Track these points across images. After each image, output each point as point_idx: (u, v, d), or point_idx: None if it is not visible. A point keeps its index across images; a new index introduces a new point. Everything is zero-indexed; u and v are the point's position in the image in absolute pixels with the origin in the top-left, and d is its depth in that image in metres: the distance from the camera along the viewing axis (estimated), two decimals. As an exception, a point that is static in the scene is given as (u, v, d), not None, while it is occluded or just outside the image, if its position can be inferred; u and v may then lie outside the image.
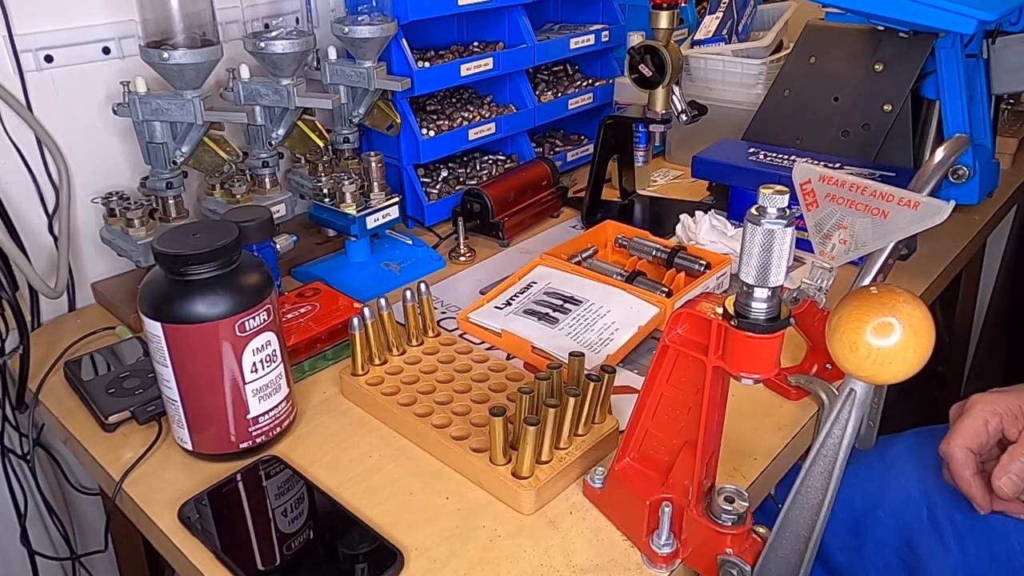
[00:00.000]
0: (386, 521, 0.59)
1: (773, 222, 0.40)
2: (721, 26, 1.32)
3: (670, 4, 0.97)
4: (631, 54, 1.02)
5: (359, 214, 0.92)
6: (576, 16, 1.36)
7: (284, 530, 0.59)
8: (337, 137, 1.01)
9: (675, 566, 0.55)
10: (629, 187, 1.18)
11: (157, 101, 0.80)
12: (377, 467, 0.66)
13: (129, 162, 0.92)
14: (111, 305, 0.89)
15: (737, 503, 0.52)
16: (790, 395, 0.72)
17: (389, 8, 0.98)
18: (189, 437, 0.64)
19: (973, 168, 0.97)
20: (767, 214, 0.39)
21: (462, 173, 1.18)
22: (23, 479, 0.91)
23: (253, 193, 0.93)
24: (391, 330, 0.74)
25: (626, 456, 0.58)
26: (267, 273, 0.64)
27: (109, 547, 0.92)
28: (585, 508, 0.61)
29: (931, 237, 0.73)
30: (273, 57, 0.86)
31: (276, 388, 0.65)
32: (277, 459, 0.66)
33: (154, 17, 0.79)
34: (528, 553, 0.57)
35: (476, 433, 0.65)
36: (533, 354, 0.78)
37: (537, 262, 0.92)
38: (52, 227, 0.88)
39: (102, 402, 0.71)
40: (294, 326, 0.77)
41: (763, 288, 0.42)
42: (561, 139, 1.35)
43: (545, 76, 1.32)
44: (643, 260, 0.94)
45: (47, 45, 0.83)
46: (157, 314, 0.59)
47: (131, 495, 0.63)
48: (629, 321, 0.81)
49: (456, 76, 1.06)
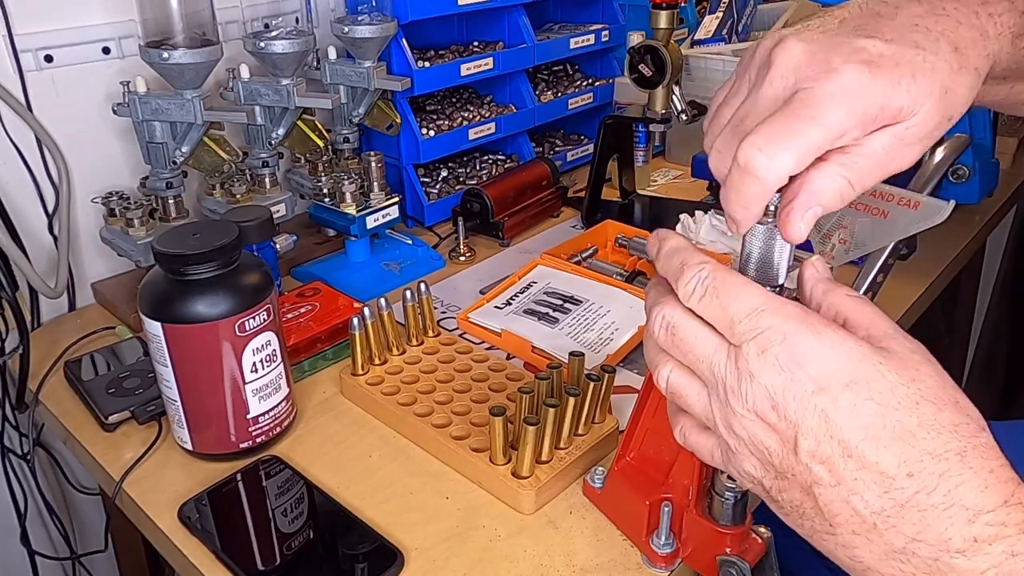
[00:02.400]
0: (386, 521, 0.59)
1: (774, 221, 0.40)
2: (721, 26, 1.32)
3: (670, 4, 0.97)
4: (631, 54, 1.01)
5: (359, 214, 0.92)
6: (576, 16, 1.36)
7: (284, 530, 0.59)
8: (337, 137, 1.01)
9: (675, 566, 0.55)
10: (629, 187, 1.18)
11: (157, 101, 0.80)
12: (377, 467, 0.66)
13: (129, 162, 0.92)
14: (111, 305, 0.89)
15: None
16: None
17: (389, 8, 0.98)
18: (189, 437, 0.64)
19: (973, 168, 0.97)
20: (768, 213, 0.39)
21: (462, 173, 1.18)
22: (23, 479, 0.91)
23: (253, 193, 0.93)
24: (391, 330, 0.74)
25: (626, 456, 0.58)
26: (267, 273, 0.64)
27: (109, 547, 0.92)
28: (585, 508, 0.61)
29: (931, 237, 0.72)
30: (273, 57, 0.86)
31: (276, 388, 0.65)
32: (277, 459, 0.66)
33: (154, 17, 0.79)
34: (528, 553, 0.57)
35: (476, 433, 0.65)
36: (533, 354, 0.78)
37: (537, 262, 0.92)
38: (52, 227, 0.88)
39: (102, 402, 0.71)
40: (294, 326, 0.77)
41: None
42: (561, 139, 1.35)
43: (545, 76, 1.32)
44: (643, 260, 0.94)
45: (47, 45, 0.83)
46: (157, 314, 0.59)
47: (131, 495, 0.63)
48: (629, 321, 0.81)
49: (456, 76, 1.06)
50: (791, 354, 0.34)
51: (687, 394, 0.39)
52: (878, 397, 0.34)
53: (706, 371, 0.38)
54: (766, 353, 0.35)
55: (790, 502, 0.37)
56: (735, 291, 0.37)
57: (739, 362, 0.36)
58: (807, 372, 0.34)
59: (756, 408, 0.35)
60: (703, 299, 0.37)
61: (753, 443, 0.36)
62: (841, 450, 0.34)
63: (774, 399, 0.35)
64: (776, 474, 0.36)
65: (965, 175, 0.97)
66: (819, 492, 0.35)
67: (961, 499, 0.32)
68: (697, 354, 0.38)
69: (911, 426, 0.33)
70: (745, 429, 0.36)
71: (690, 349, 0.38)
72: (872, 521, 0.34)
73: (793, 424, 0.34)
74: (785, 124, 0.35)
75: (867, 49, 0.35)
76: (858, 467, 0.33)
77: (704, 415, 0.39)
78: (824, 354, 0.34)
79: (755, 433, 0.36)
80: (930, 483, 0.33)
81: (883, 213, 0.65)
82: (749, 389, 0.35)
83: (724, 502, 0.51)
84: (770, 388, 0.35)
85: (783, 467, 0.36)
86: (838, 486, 0.34)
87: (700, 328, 0.38)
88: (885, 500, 0.33)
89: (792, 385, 0.34)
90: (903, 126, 0.35)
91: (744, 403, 0.36)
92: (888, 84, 0.34)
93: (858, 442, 0.33)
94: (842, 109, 0.34)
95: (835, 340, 0.35)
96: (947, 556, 0.32)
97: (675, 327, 0.38)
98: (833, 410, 0.34)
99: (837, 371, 0.34)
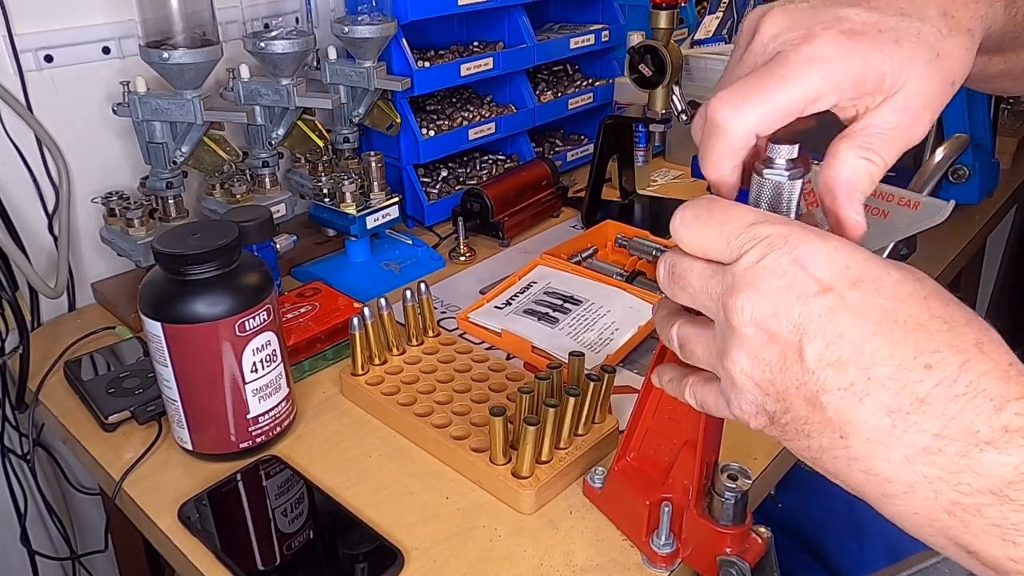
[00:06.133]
0: (386, 521, 0.59)
1: (779, 173, 0.36)
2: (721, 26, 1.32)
3: (670, 4, 0.97)
4: (631, 54, 1.01)
5: (359, 214, 0.92)
6: (576, 16, 1.36)
7: (284, 530, 0.59)
8: (337, 137, 1.01)
9: (675, 566, 0.55)
10: (629, 187, 1.18)
11: (157, 101, 0.80)
12: (377, 467, 0.66)
13: (129, 162, 0.92)
14: (111, 305, 0.89)
15: (740, 480, 0.51)
16: (790, 395, 0.72)
17: (389, 8, 0.98)
18: (189, 437, 0.64)
19: (973, 168, 0.97)
20: (774, 165, 0.36)
21: (462, 173, 1.18)
22: (23, 479, 0.91)
23: (253, 193, 0.93)
24: (391, 330, 0.74)
25: (626, 456, 0.58)
26: (267, 273, 0.63)
27: (109, 547, 0.92)
28: (585, 508, 0.61)
29: (931, 237, 0.72)
30: (273, 57, 0.86)
31: (276, 388, 0.65)
32: (277, 459, 0.66)
33: (154, 17, 0.79)
34: (528, 553, 0.57)
35: (476, 433, 0.65)
36: (533, 354, 0.78)
37: (537, 262, 0.92)
38: (52, 227, 0.88)
39: (102, 402, 0.71)
40: (294, 326, 0.77)
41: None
42: (561, 139, 1.35)
43: (545, 76, 1.32)
44: (643, 260, 0.94)
45: (47, 45, 0.83)
46: (157, 314, 0.59)
47: (131, 495, 0.63)
48: (629, 321, 0.81)
49: (456, 76, 1.06)
50: (793, 256, 0.32)
51: (692, 339, 0.38)
52: (886, 293, 0.32)
53: (706, 300, 0.36)
54: (766, 259, 0.33)
55: (795, 422, 0.34)
56: (731, 210, 0.35)
57: (737, 275, 0.34)
58: (811, 272, 0.32)
59: (756, 318, 0.33)
60: (696, 221, 0.36)
61: (754, 364, 0.34)
62: (852, 349, 0.31)
63: (775, 305, 0.32)
64: (777, 395, 0.34)
65: (965, 175, 0.97)
66: (827, 401, 0.32)
67: (985, 389, 0.30)
68: (696, 286, 0.36)
69: (923, 319, 0.31)
70: (744, 350, 0.34)
71: (689, 282, 0.36)
72: (890, 422, 0.31)
73: (797, 329, 0.32)
74: (758, 81, 0.35)
75: (850, 17, 0.35)
76: (871, 363, 0.31)
77: (707, 357, 0.37)
78: (829, 254, 0.32)
79: (756, 351, 0.33)
80: (951, 374, 0.30)
81: (883, 213, 0.65)
82: (747, 299, 0.33)
83: (724, 502, 0.51)
84: (771, 293, 0.32)
85: (785, 383, 0.33)
86: (849, 388, 0.31)
87: (697, 260, 0.36)
88: (903, 396, 0.31)
89: (795, 287, 0.32)
90: (901, 95, 0.35)
91: (742, 316, 0.33)
92: (868, 50, 0.34)
93: (870, 338, 0.31)
94: (817, 73, 0.34)
95: (839, 242, 0.33)
96: (975, 450, 0.30)
97: (674, 265, 0.37)
98: (842, 308, 0.31)
99: (843, 270, 0.32)
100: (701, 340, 0.38)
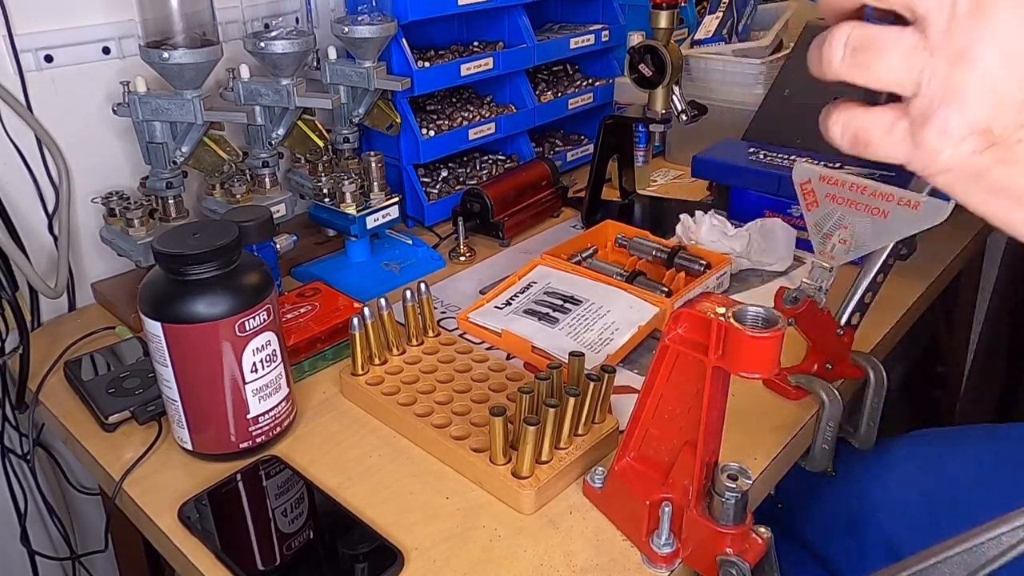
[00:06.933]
0: (386, 521, 0.59)
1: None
2: (721, 26, 1.32)
3: (670, 4, 0.97)
4: (631, 54, 1.01)
5: (359, 214, 0.92)
6: (576, 16, 1.36)
7: (284, 530, 0.59)
8: (337, 137, 1.01)
9: (675, 566, 0.55)
10: (629, 187, 1.18)
11: (157, 101, 0.80)
12: (377, 467, 0.66)
13: (129, 162, 0.92)
14: (111, 305, 0.89)
15: (740, 480, 0.51)
16: (790, 395, 0.72)
17: (389, 8, 0.98)
18: (189, 437, 0.64)
19: (973, 168, 0.97)
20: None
21: (462, 173, 1.18)
22: (23, 479, 0.91)
23: (253, 193, 0.93)
24: (391, 330, 0.74)
25: (626, 456, 0.58)
26: (267, 273, 0.64)
27: (109, 547, 0.92)
28: (585, 508, 0.61)
29: (931, 237, 0.72)
30: (273, 57, 0.86)
31: (276, 388, 0.65)
32: (277, 459, 0.66)
33: (154, 17, 0.79)
34: (528, 553, 0.57)
35: (476, 433, 0.65)
36: (533, 354, 0.78)
37: (537, 262, 0.92)
38: (52, 227, 0.88)
39: (102, 402, 0.71)
40: (294, 326, 0.77)
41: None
42: (561, 139, 1.35)
43: (545, 76, 1.32)
44: (643, 260, 0.94)
45: (47, 45, 0.83)
46: (157, 314, 0.59)
47: (131, 495, 0.63)
48: (629, 321, 0.81)
49: (456, 76, 1.06)
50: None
51: (880, 43, 0.32)
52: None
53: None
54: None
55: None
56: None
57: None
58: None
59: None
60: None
61: (1004, 62, 0.29)
62: None
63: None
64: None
65: (965, 175, 0.97)
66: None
67: None
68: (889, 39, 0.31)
69: None
70: (997, 44, 0.29)
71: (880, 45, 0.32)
72: None
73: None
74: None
75: None
76: None
77: (907, 64, 0.31)
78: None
79: (1014, 40, 0.28)
80: None
81: (883, 213, 0.65)
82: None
83: (724, 502, 0.51)
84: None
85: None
86: None
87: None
88: None
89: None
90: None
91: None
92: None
93: None
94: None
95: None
96: None
97: (861, 37, 0.32)
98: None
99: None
100: (899, 44, 0.31)
